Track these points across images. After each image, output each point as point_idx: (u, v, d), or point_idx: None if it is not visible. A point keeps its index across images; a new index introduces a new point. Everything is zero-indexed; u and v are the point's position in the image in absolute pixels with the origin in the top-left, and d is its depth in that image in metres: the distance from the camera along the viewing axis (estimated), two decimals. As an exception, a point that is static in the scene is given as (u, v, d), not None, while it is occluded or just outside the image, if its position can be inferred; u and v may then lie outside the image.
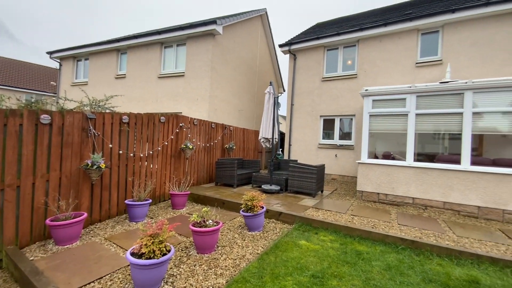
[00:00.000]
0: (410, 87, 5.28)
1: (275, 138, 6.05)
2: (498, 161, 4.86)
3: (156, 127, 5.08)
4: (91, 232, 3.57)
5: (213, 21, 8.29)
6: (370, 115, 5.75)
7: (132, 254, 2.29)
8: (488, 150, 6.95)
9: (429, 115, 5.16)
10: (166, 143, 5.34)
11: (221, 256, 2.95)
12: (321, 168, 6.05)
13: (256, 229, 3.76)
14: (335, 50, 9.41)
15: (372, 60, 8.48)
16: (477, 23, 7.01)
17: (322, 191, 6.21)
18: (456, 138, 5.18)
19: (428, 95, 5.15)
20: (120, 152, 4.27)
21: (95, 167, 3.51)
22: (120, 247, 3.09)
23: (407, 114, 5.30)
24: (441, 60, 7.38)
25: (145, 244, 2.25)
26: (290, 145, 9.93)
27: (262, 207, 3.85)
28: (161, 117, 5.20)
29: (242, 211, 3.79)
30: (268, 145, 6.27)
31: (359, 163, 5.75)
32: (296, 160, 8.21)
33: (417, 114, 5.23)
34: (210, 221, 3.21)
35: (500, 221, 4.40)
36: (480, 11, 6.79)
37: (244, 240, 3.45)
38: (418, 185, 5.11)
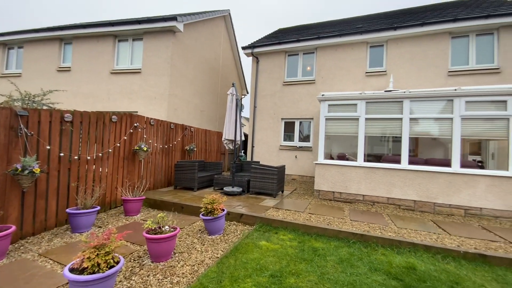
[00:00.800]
0: (361, 93, 5.78)
1: (238, 140, 6.04)
2: (430, 161, 5.60)
3: (107, 127, 4.64)
4: (22, 247, 3.07)
5: (173, 18, 7.94)
6: (326, 118, 6.13)
7: (72, 270, 2.03)
8: (422, 151, 7.99)
9: (376, 119, 5.72)
10: (119, 144, 4.90)
11: (178, 263, 2.81)
12: (282, 169, 6.23)
13: (216, 233, 3.68)
14: (295, 56, 9.83)
15: (328, 67, 9.08)
16: (414, 40, 8.04)
17: (282, 191, 6.39)
18: (398, 140, 5.82)
19: (375, 101, 5.71)
20: (61, 154, 3.77)
21: (26, 172, 3.03)
22: (58, 263, 2.72)
23: (358, 118, 5.79)
24: (385, 71, 8.27)
25: (87, 258, 2.01)
26: (253, 146, 10.03)
27: (223, 210, 3.79)
28: (113, 116, 4.76)
29: (202, 214, 3.68)
30: (232, 147, 6.22)
31: (316, 163, 6.07)
32: (259, 162, 8.31)
33: (366, 119, 5.75)
34: (167, 227, 3.04)
35: (432, 212, 5.08)
36: (416, 30, 7.80)
37: (204, 244, 3.35)
38: (367, 183, 5.60)
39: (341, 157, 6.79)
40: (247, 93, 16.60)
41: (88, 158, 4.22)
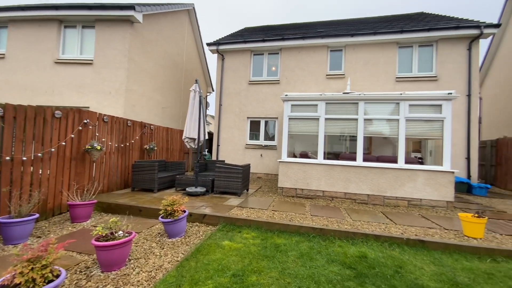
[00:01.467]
0: (321, 95, 6.08)
1: (201, 138, 5.86)
2: (381, 158, 6.15)
3: (48, 123, 4.10)
4: None
5: (131, 7, 7.36)
6: (289, 118, 6.31)
7: (2, 287, 1.75)
8: (375, 149, 8.74)
9: (335, 119, 6.07)
10: (64, 143, 4.38)
11: (134, 270, 2.61)
12: (247, 167, 6.24)
13: (177, 235, 3.52)
14: (261, 55, 9.93)
15: (292, 68, 9.37)
16: (368, 47, 8.74)
17: (247, 190, 6.42)
18: (354, 139, 6.26)
19: (334, 102, 6.05)
20: (-12, 154, 3.22)
21: None
22: (-17, 281, 2.31)
23: (318, 118, 6.08)
24: (344, 74, 8.84)
25: (20, 272, 1.75)
26: (218, 145, 9.87)
27: (184, 211, 3.64)
28: (56, 111, 4.23)
29: (161, 217, 3.49)
30: (193, 145, 6.02)
31: (280, 161, 6.22)
32: (224, 161, 8.22)
33: (326, 119, 6.07)
34: (120, 232, 2.80)
35: (382, 205, 5.58)
36: (370, 38, 8.49)
37: (163, 248, 3.17)
38: (327, 179, 5.93)
39: (303, 155, 7.07)
40: (213, 90, 16.28)
41: (24, 159, 3.68)
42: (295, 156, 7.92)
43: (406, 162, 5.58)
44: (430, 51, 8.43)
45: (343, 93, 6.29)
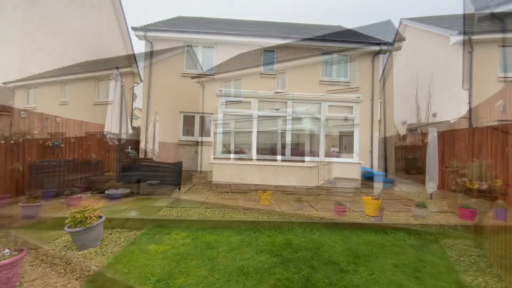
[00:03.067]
0: (254, 92, 6.27)
1: (124, 134, 5.21)
2: (306, 153, 6.80)
3: None
4: None
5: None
6: (223, 114, 6.28)
7: None
8: (302, 144, 9.58)
9: (267, 117, 6.37)
10: None
11: (24, 296, 2.11)
12: (179, 165, 5.92)
13: (90, 246, 3.03)
14: (195, 47, 9.51)
15: (228, 64, 9.33)
16: (297, 51, 9.48)
17: (179, 189, 6.08)
18: (285, 135, 6.70)
19: (266, 100, 6.34)
20: None
21: None
22: None
23: (252, 115, 6.26)
24: (275, 74, 9.36)
25: None
26: (147, 142, 8.98)
27: (100, 217, 3.17)
28: None
29: (68, 227, 2.94)
30: (116, 142, 5.30)
31: (214, 158, 6.14)
32: (152, 159, 7.57)
33: (259, 116, 6.30)
34: (6, 250, 2.24)
35: (306, 195, 6.20)
36: (298, 42, 9.23)
37: (70, 264, 2.68)
38: (259, 174, 6.18)
39: (238, 151, 7.17)
40: (141, 81, 14.69)
41: None
42: (230, 152, 7.95)
43: (326, 155, 6.35)
44: (346, 60, 9.78)
45: (275, 92, 6.66)
